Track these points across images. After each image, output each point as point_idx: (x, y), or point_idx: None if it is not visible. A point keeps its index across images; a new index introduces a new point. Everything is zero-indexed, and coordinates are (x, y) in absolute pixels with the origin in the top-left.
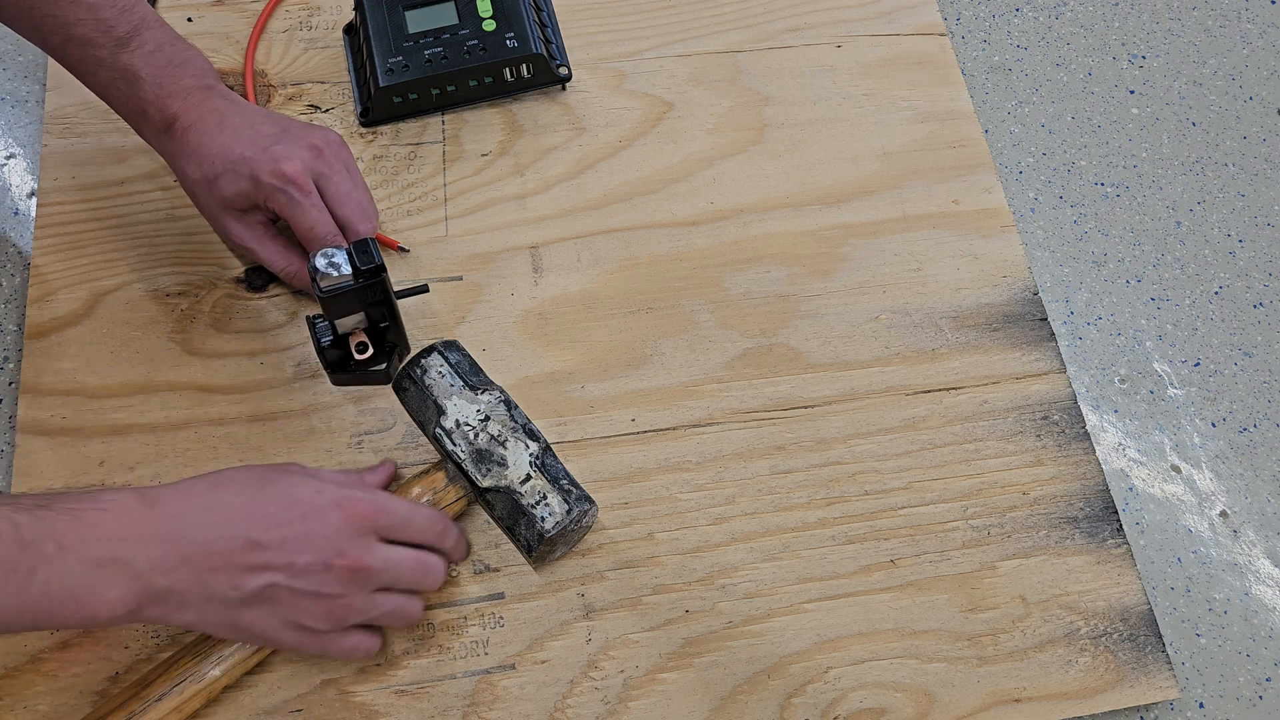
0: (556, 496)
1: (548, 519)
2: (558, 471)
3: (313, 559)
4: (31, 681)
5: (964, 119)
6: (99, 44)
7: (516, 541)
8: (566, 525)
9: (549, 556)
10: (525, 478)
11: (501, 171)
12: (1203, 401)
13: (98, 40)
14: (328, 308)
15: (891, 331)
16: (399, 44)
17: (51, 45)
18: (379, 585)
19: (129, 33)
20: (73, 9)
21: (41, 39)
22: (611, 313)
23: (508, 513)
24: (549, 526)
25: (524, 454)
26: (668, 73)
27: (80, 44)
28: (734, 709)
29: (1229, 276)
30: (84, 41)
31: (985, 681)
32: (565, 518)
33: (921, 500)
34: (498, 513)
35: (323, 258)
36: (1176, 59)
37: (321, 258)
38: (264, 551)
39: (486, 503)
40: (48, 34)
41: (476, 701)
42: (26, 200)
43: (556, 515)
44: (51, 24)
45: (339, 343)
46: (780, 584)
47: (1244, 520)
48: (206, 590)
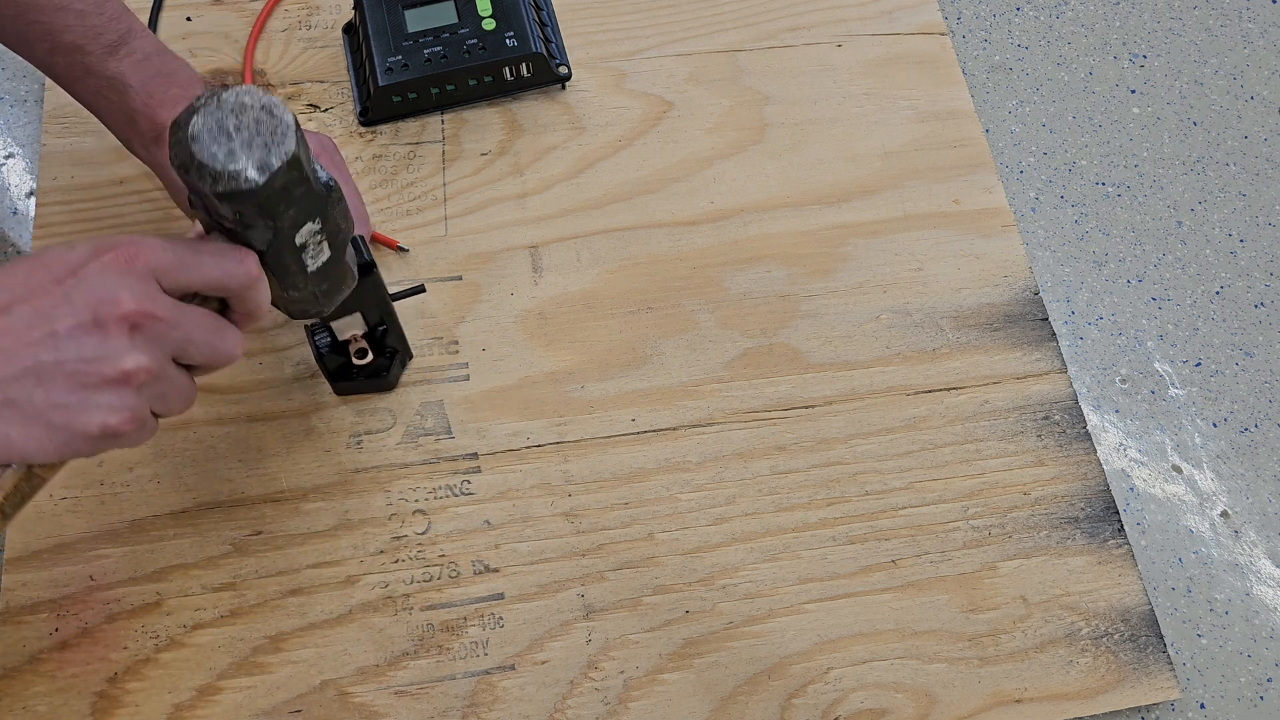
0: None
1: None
2: None
3: (75, 319)
4: (30, 682)
5: (964, 118)
6: (87, 51)
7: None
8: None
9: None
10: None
11: (501, 171)
12: (1204, 401)
13: (86, 47)
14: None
15: (892, 331)
16: (398, 43)
17: (38, 53)
18: (171, 347)
19: (117, 41)
20: (60, 16)
21: (28, 47)
22: (611, 313)
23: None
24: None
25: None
26: (667, 72)
27: (67, 51)
28: (734, 709)
29: (1230, 276)
30: (71, 49)
31: (986, 682)
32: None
33: (922, 500)
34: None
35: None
36: (1177, 58)
37: None
38: (7, 322)
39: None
40: (34, 41)
41: (476, 702)
42: (25, 200)
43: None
44: (38, 31)
45: (338, 349)
46: (781, 584)
47: (1245, 520)
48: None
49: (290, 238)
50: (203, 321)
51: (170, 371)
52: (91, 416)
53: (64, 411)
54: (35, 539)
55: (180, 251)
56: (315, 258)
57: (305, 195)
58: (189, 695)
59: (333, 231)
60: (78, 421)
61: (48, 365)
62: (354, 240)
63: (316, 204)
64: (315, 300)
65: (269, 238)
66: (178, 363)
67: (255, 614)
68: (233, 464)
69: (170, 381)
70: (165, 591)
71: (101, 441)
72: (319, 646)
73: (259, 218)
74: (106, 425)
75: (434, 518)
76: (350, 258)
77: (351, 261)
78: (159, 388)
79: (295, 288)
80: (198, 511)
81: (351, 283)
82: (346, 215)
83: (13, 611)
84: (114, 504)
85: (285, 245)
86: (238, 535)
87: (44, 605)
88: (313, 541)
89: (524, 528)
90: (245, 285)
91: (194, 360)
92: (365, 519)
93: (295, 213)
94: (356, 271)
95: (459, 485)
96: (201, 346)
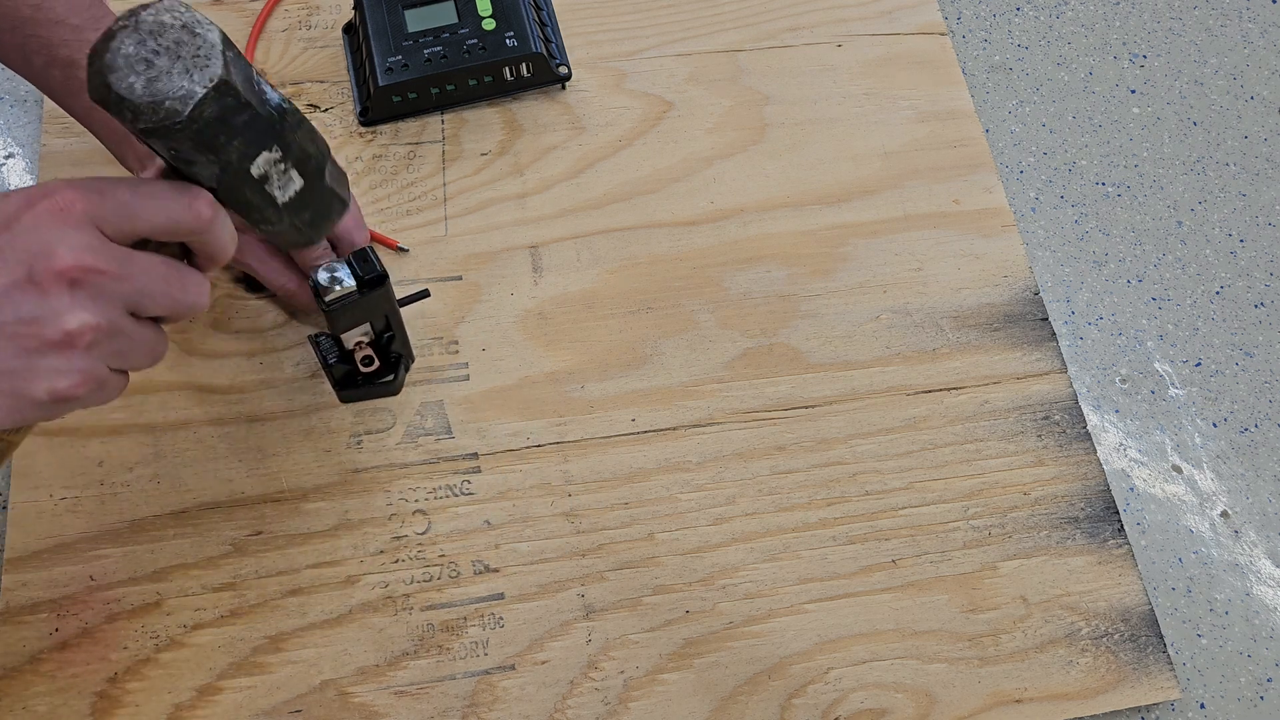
0: None
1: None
2: None
3: (9, 279)
4: (30, 682)
5: (964, 118)
6: (82, 65)
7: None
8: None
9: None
10: None
11: (501, 171)
12: (1204, 401)
13: (81, 62)
14: (334, 321)
15: (892, 331)
16: (398, 43)
17: (35, 67)
18: (121, 301)
19: None
20: (56, 29)
21: (25, 61)
22: (611, 313)
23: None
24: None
25: None
26: (667, 72)
27: (64, 65)
28: (734, 710)
29: (1230, 276)
30: (67, 63)
31: (986, 682)
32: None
33: (922, 500)
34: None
35: (324, 272)
36: (1178, 58)
37: (323, 272)
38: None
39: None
40: (31, 55)
41: (476, 702)
42: None
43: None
44: (35, 44)
45: (345, 358)
46: (781, 584)
47: (1245, 520)
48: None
49: (244, 170)
50: (155, 270)
51: (126, 326)
52: (38, 382)
53: (8, 378)
54: (35, 539)
55: (122, 195)
56: (284, 188)
57: (249, 122)
58: (189, 695)
59: (300, 157)
60: (24, 388)
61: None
62: (365, 250)
63: (267, 130)
64: (298, 231)
65: (216, 172)
66: (136, 316)
67: (255, 614)
68: (233, 464)
69: (127, 337)
70: (165, 591)
71: (54, 406)
72: (319, 646)
73: (197, 152)
74: (55, 390)
75: (434, 518)
76: (334, 179)
77: (336, 184)
78: (114, 344)
79: (268, 222)
80: (198, 511)
81: (340, 208)
82: (314, 137)
83: (13, 611)
84: (114, 504)
85: (241, 179)
86: (238, 535)
87: (44, 605)
88: (313, 541)
89: (524, 528)
90: (197, 228)
91: (153, 312)
92: (365, 519)
93: (241, 143)
94: (347, 196)
95: (459, 485)
96: (158, 297)
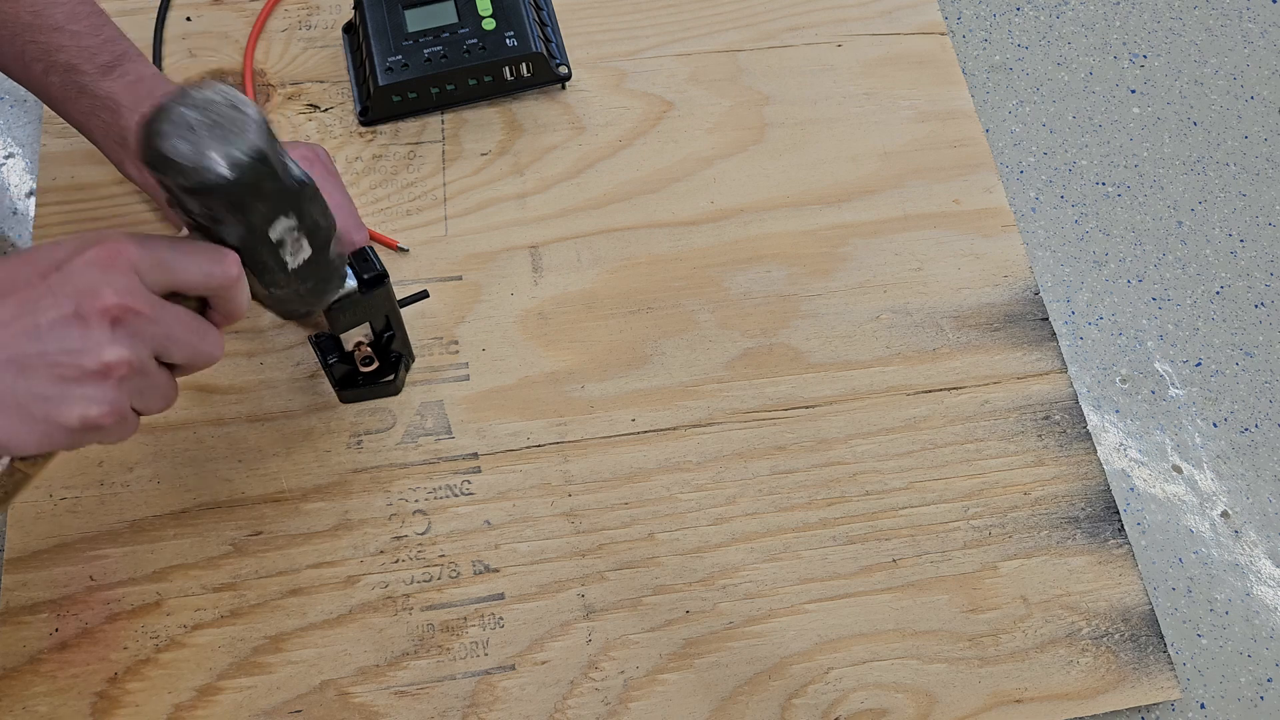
0: None
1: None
2: None
3: (57, 312)
4: (30, 682)
5: (965, 118)
6: (81, 70)
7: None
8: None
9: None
10: None
11: (501, 171)
12: (1204, 401)
13: (80, 67)
14: (334, 321)
15: (892, 331)
16: (398, 43)
17: (34, 73)
18: (151, 343)
19: (112, 62)
20: (56, 35)
21: (24, 67)
22: (611, 313)
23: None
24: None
25: None
26: (668, 72)
27: (62, 70)
28: (734, 710)
29: (1230, 276)
30: (66, 68)
31: (986, 682)
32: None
33: (922, 500)
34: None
35: None
36: (1178, 58)
37: None
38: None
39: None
40: (30, 61)
41: (476, 702)
42: (25, 199)
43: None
44: (34, 50)
45: (345, 358)
46: (781, 584)
47: (1245, 520)
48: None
49: (264, 234)
50: (184, 320)
51: (151, 367)
52: (72, 408)
53: (44, 403)
54: (35, 539)
55: (162, 250)
56: (294, 255)
57: (276, 190)
58: (189, 695)
59: (311, 228)
60: (58, 413)
61: (29, 356)
62: (365, 250)
63: (289, 199)
64: (301, 299)
65: (241, 233)
66: (159, 361)
67: (255, 614)
68: (233, 464)
69: (150, 378)
70: (165, 592)
71: (81, 434)
72: (319, 647)
73: (228, 213)
74: (86, 417)
75: (434, 518)
76: (337, 257)
77: (340, 261)
78: (139, 383)
79: (277, 285)
80: (198, 511)
81: (340, 283)
82: (325, 212)
83: (13, 611)
84: (114, 504)
85: (260, 241)
86: (238, 535)
87: (44, 605)
88: (313, 542)
89: (524, 528)
90: (225, 285)
91: (175, 359)
92: (365, 519)
93: (266, 208)
94: (347, 272)
95: (459, 485)
96: (182, 345)
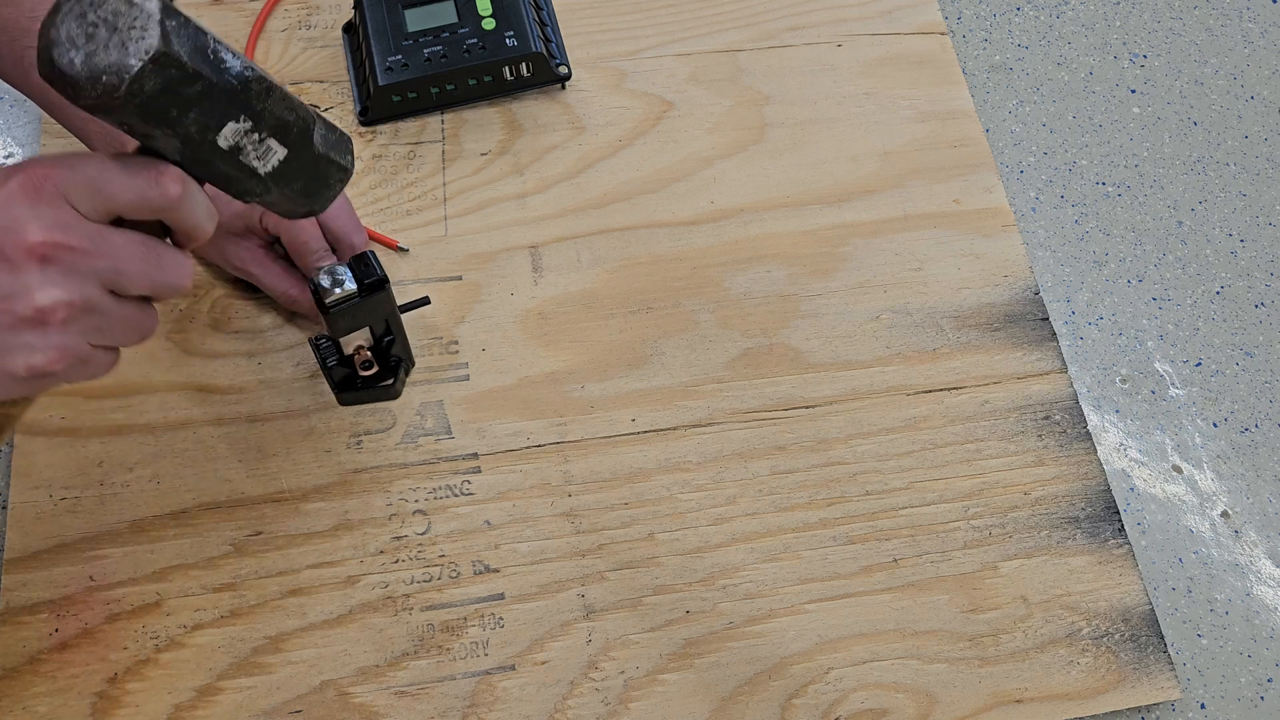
0: None
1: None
2: None
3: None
4: (30, 682)
5: (965, 118)
6: None
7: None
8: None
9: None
10: None
11: (501, 171)
12: (1204, 401)
13: None
14: (334, 324)
15: (892, 331)
16: (398, 43)
17: (31, 80)
18: (96, 278)
19: None
20: None
21: (22, 73)
22: (611, 313)
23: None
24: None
25: None
26: (667, 72)
27: None
28: (734, 710)
29: (1230, 276)
30: None
31: (987, 682)
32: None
33: (923, 500)
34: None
35: (326, 275)
36: (1178, 58)
37: (325, 275)
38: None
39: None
40: (29, 67)
41: (476, 703)
42: None
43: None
44: (33, 56)
45: (344, 361)
46: (781, 584)
47: (1245, 521)
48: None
49: (209, 143)
50: (131, 248)
51: (104, 303)
52: (14, 358)
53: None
54: (35, 539)
55: (91, 172)
56: (264, 158)
57: (204, 93)
58: (189, 696)
59: (276, 126)
60: (2, 363)
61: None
62: (366, 255)
63: (230, 100)
64: (293, 201)
65: (177, 145)
66: (116, 294)
67: (255, 614)
68: (233, 464)
69: (106, 314)
70: (165, 592)
71: (34, 382)
72: (319, 647)
73: (149, 127)
74: (32, 366)
75: (434, 518)
76: (328, 145)
77: (333, 151)
78: (92, 321)
79: (253, 194)
80: (198, 512)
81: (340, 174)
82: (290, 104)
83: (13, 611)
84: (114, 504)
85: (208, 152)
86: (238, 535)
87: (44, 605)
88: (313, 542)
89: (524, 528)
90: (165, 205)
91: (132, 290)
92: (365, 519)
93: (198, 115)
94: (348, 162)
95: (459, 485)
96: (135, 276)
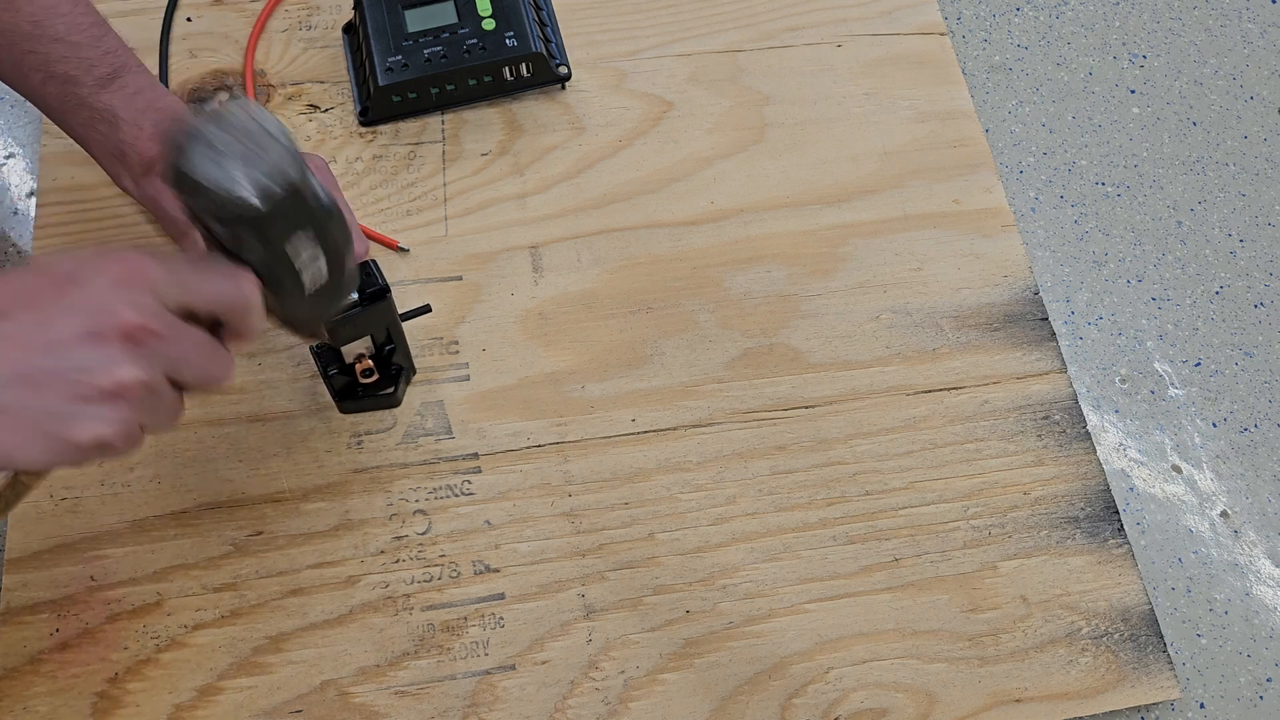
0: None
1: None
2: None
3: (74, 329)
4: (31, 682)
5: (964, 118)
6: (80, 82)
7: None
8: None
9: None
10: None
11: (501, 171)
12: (1204, 401)
13: (79, 78)
14: (335, 333)
15: (892, 331)
16: (398, 43)
17: (32, 83)
18: (164, 364)
19: (111, 74)
20: (55, 46)
21: (22, 77)
22: (611, 313)
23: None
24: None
25: None
26: (668, 72)
27: (60, 81)
28: (734, 709)
29: (1230, 276)
30: (64, 79)
31: (986, 682)
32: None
33: (922, 500)
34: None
35: None
36: (1177, 58)
37: None
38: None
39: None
40: (28, 71)
41: (477, 702)
42: (26, 200)
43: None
44: (33, 60)
45: (345, 370)
46: (781, 584)
47: (1245, 520)
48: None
49: (287, 260)
50: (197, 341)
51: (162, 388)
52: (85, 427)
53: (55, 420)
54: (36, 539)
55: (180, 269)
56: (314, 279)
57: (304, 218)
58: (189, 695)
59: (330, 250)
60: (70, 431)
61: (44, 373)
62: (368, 264)
63: (315, 224)
64: (309, 315)
65: (263, 255)
66: (169, 381)
67: (256, 614)
68: (233, 464)
69: (161, 398)
70: (166, 592)
71: (91, 452)
72: (319, 647)
73: (256, 240)
74: (99, 436)
75: (434, 518)
76: (349, 274)
77: (351, 279)
78: (150, 403)
79: (293, 308)
80: (198, 511)
81: (343, 301)
82: (345, 234)
83: (13, 611)
84: (114, 504)
85: (281, 264)
86: (238, 535)
87: (44, 605)
88: (313, 542)
89: (524, 528)
90: (240, 307)
91: (185, 380)
92: (365, 519)
93: (294, 235)
94: (354, 294)
95: (459, 485)
96: (194, 367)
